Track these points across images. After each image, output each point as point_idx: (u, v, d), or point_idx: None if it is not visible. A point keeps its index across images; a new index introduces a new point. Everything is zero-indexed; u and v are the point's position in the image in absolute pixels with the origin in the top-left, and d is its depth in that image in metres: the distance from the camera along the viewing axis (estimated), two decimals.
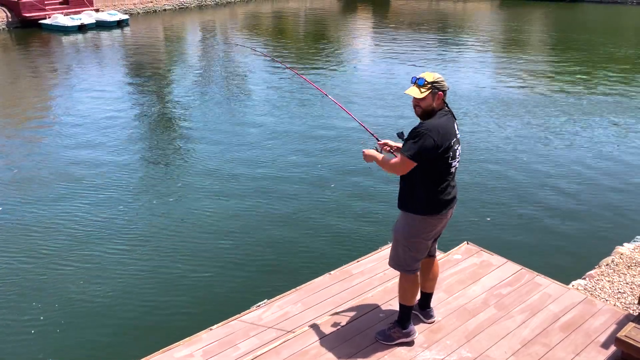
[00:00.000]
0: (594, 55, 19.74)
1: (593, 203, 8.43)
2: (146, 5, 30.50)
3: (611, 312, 4.42)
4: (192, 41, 23.86)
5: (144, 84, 16.16)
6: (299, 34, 26.20)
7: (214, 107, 13.67)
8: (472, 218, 7.91)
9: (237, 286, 6.45)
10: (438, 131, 3.56)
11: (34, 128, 12.24)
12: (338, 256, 6.64)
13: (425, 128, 3.57)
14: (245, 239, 7.47)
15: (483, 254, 5.23)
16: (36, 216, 8.09)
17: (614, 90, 14.99)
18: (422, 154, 3.55)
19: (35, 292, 6.37)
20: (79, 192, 8.83)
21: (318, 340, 4.09)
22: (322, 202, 8.48)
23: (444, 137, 3.58)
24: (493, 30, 25.84)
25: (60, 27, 24.59)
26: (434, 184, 3.67)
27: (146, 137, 11.63)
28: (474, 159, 10.02)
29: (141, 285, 6.48)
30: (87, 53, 20.99)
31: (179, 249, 7.21)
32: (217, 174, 9.51)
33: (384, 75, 16.94)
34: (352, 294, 4.88)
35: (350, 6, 36.04)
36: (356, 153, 10.26)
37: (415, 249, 3.85)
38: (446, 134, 3.60)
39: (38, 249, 7.23)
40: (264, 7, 34.45)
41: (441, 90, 3.64)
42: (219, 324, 4.55)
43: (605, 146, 10.74)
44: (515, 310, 4.42)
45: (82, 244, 7.34)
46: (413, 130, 3.64)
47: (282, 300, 4.83)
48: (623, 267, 5.98)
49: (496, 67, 18.23)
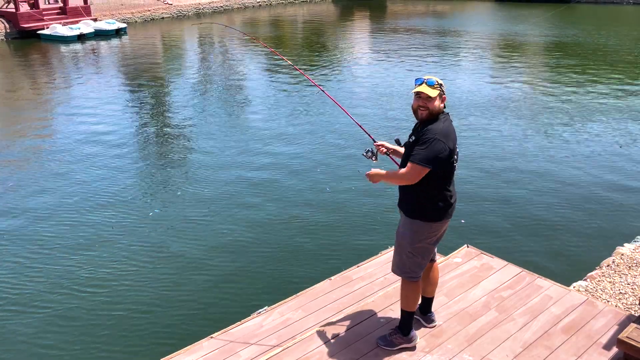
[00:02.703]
0: (592, 56, 19.76)
1: (593, 204, 8.42)
2: (144, 14, 30.58)
3: (613, 313, 4.41)
4: (190, 48, 23.92)
5: (143, 91, 16.19)
6: (297, 39, 26.26)
7: (213, 113, 13.68)
8: (472, 221, 7.90)
9: (237, 293, 6.44)
10: (446, 135, 3.58)
11: (33, 138, 12.24)
12: (338, 262, 6.62)
13: (433, 133, 3.56)
14: (245, 245, 7.46)
15: (483, 257, 5.23)
16: (34, 226, 8.08)
17: (614, 91, 15.01)
18: (435, 158, 3.54)
19: (34, 302, 6.36)
20: (77, 201, 8.82)
21: (319, 347, 4.08)
22: (321, 207, 8.47)
23: (451, 140, 3.61)
24: (490, 32, 25.88)
25: (59, 37, 24.65)
26: (439, 188, 3.68)
27: (146, 145, 11.63)
28: (474, 162, 10.02)
29: (140, 295, 6.47)
30: (86, 62, 21.04)
31: (178, 257, 7.20)
32: (215, 181, 9.51)
33: (380, 78, 16.95)
34: (352, 300, 4.87)
35: (347, 11, 36.13)
36: (355, 156, 10.28)
37: (421, 255, 3.84)
38: (451, 136, 3.63)
39: (36, 258, 7.22)
40: (261, 14, 34.55)
41: (445, 94, 3.67)
42: (220, 331, 4.54)
43: (604, 147, 10.74)
44: (517, 313, 4.41)
45: (81, 252, 7.33)
46: (421, 137, 3.61)
47: (282, 307, 4.82)
48: (624, 267, 5.97)
49: (494, 70, 18.24)
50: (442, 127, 3.60)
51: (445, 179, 3.68)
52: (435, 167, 3.57)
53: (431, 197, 3.68)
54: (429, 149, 3.53)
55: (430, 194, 3.68)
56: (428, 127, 3.61)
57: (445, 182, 3.69)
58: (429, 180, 3.63)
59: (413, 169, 3.58)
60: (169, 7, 32.10)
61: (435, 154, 3.53)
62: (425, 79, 3.63)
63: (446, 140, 3.56)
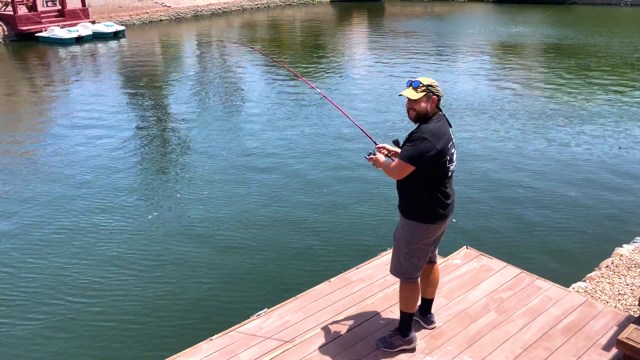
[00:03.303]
0: (590, 58, 19.80)
1: (592, 205, 8.43)
2: (142, 16, 30.58)
3: (612, 314, 4.42)
4: (189, 51, 23.93)
5: (141, 94, 16.18)
6: (296, 41, 26.28)
7: (212, 115, 13.69)
8: (471, 222, 7.91)
9: (236, 296, 6.43)
10: (435, 135, 3.59)
11: (30, 141, 12.22)
12: (337, 263, 6.62)
13: (422, 132, 3.61)
14: (244, 248, 7.45)
15: (482, 259, 5.23)
16: (31, 229, 8.07)
17: (612, 92, 15.04)
18: (420, 157, 3.56)
19: (30, 306, 6.36)
20: (74, 205, 8.81)
21: (319, 349, 4.08)
22: (320, 209, 8.47)
23: (441, 140, 3.60)
24: (487, 34, 25.93)
25: (57, 40, 24.64)
26: (433, 190, 3.69)
27: (144, 148, 11.62)
28: (472, 163, 10.03)
29: (139, 298, 6.46)
30: (84, 65, 21.03)
31: (177, 260, 7.19)
32: (213, 184, 9.50)
33: (380, 80, 16.97)
34: (352, 301, 4.87)
35: (346, 13, 36.16)
36: (354, 158, 10.28)
37: (417, 256, 3.85)
38: (443, 137, 3.63)
39: (32, 262, 7.21)
40: (259, 16, 34.56)
41: (435, 95, 3.67)
42: (219, 334, 4.54)
43: (603, 148, 10.76)
44: (516, 314, 4.41)
45: (79, 255, 7.32)
46: (410, 135, 3.67)
47: (282, 309, 4.82)
48: (623, 268, 5.97)
49: (492, 71, 18.27)
50: (432, 127, 3.62)
51: (437, 179, 3.68)
52: (420, 165, 3.59)
53: (424, 198, 3.69)
54: (414, 147, 3.58)
55: (423, 195, 3.69)
56: (419, 127, 3.68)
57: (438, 184, 3.69)
58: (419, 180, 3.66)
59: (399, 165, 3.66)
60: (167, 10, 32.11)
61: (420, 153, 3.55)
62: (413, 82, 3.70)
63: (434, 140, 3.56)
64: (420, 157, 3.57)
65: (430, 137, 3.57)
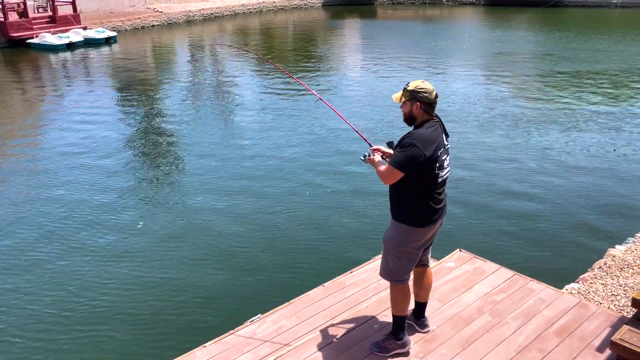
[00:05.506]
0: (581, 62, 19.92)
1: (584, 206, 8.47)
2: (134, 22, 30.51)
3: (605, 315, 4.43)
4: (181, 56, 23.90)
5: (133, 100, 16.13)
6: (289, 45, 26.31)
7: (206, 119, 13.66)
8: (464, 225, 7.92)
9: (230, 302, 6.40)
10: (424, 141, 3.58)
11: (22, 147, 12.16)
12: (331, 268, 6.59)
13: (411, 138, 3.61)
14: (237, 253, 7.43)
15: (476, 261, 5.24)
16: (28, 231, 8.02)
17: (604, 96, 15.13)
18: (409, 163, 3.56)
19: (32, 306, 6.31)
20: (68, 210, 8.76)
21: (313, 354, 4.07)
22: (314, 213, 8.46)
23: (431, 147, 3.59)
24: (479, 37, 26.06)
25: (48, 46, 24.54)
26: (422, 194, 3.69)
27: (138, 154, 11.58)
28: (465, 167, 10.05)
29: (131, 305, 6.41)
30: (76, 71, 20.96)
31: (169, 267, 7.15)
32: (207, 190, 9.46)
33: (374, 83, 17.00)
34: (346, 306, 4.86)
35: (338, 16, 36.25)
36: (349, 161, 10.28)
37: (405, 259, 3.85)
38: (433, 144, 3.61)
39: (34, 263, 7.17)
40: (252, 21, 34.58)
41: (420, 101, 3.63)
42: (213, 340, 4.52)
43: (596, 151, 10.81)
44: (510, 317, 4.42)
45: (72, 258, 7.27)
46: (401, 141, 3.67)
47: (276, 314, 4.80)
48: (616, 269, 6.00)
49: (487, 75, 18.35)
50: (422, 133, 3.62)
51: (427, 185, 3.68)
52: (409, 171, 3.59)
53: (414, 202, 3.69)
54: (403, 153, 3.58)
55: (413, 200, 3.69)
56: (410, 132, 3.68)
57: (428, 189, 3.69)
58: (409, 185, 3.66)
59: (388, 170, 3.68)
60: (159, 15, 32.06)
61: (409, 159, 3.56)
62: (407, 84, 3.72)
63: (423, 147, 3.55)
64: (409, 163, 3.56)
65: (419, 143, 3.56)
